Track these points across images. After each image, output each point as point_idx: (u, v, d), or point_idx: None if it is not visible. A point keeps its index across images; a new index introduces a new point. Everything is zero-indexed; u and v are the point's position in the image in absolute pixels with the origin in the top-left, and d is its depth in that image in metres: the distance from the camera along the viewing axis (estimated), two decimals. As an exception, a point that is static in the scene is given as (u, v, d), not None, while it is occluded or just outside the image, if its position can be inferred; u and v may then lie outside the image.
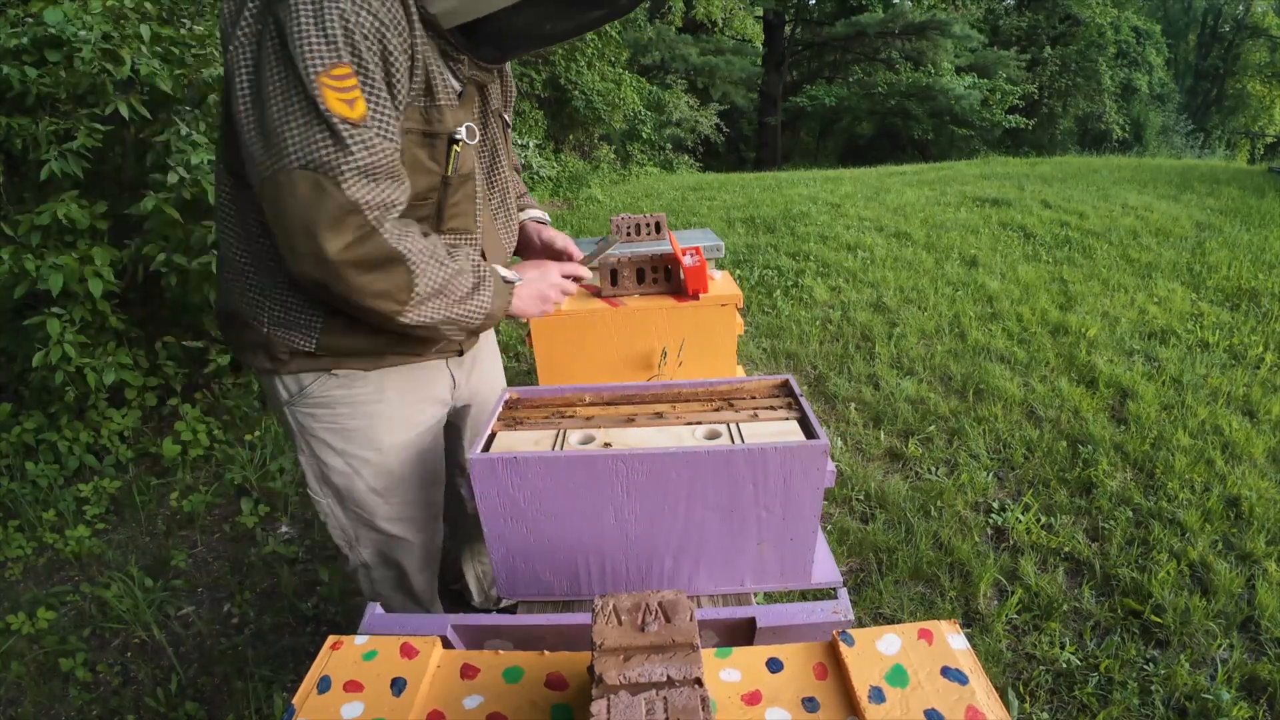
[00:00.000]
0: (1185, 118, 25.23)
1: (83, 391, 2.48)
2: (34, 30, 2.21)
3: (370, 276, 0.89)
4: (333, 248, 0.86)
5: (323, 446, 1.16)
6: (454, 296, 0.98)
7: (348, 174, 0.84)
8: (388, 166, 0.88)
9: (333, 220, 0.85)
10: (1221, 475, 2.34)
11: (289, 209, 0.85)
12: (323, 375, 1.11)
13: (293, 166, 0.83)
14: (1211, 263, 4.36)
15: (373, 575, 1.32)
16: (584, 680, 0.66)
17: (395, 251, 0.89)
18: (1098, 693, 1.62)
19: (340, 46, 0.82)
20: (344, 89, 0.83)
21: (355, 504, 1.20)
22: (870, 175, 8.79)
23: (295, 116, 0.82)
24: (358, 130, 0.84)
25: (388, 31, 0.85)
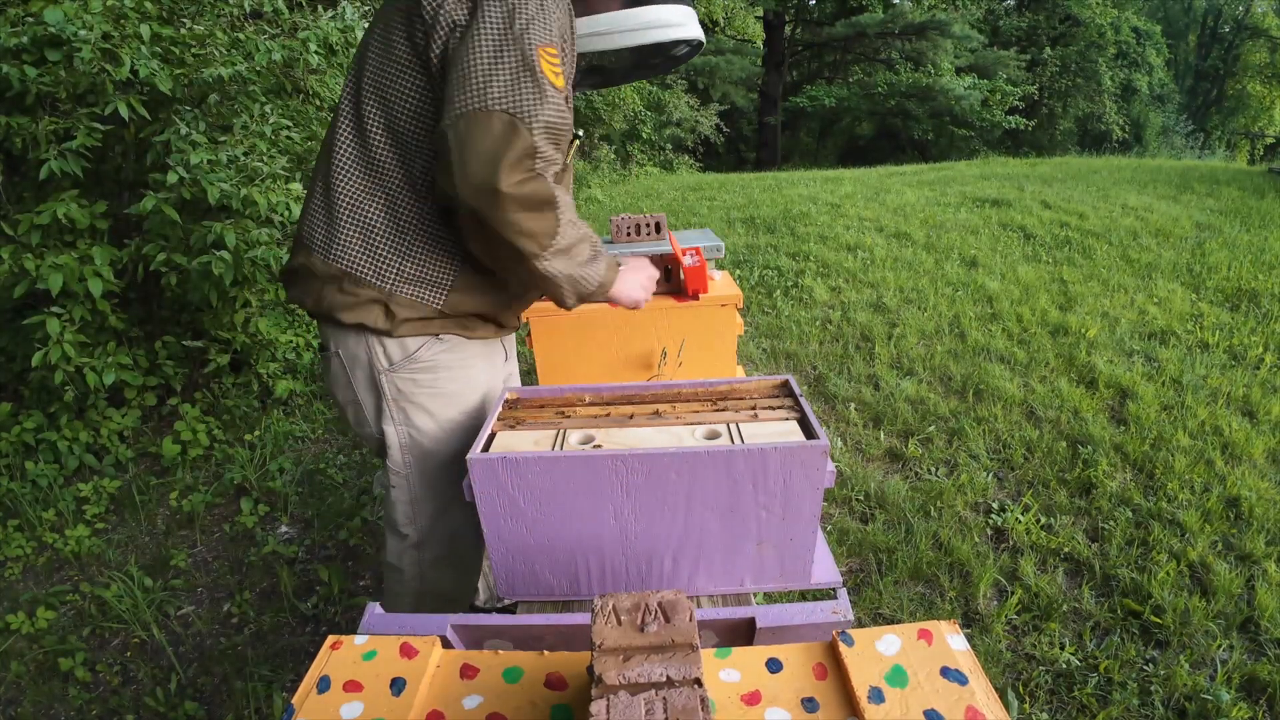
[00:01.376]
0: (1185, 118, 25.24)
1: (82, 391, 2.48)
2: (34, 29, 2.21)
3: (526, 214, 1.00)
4: (507, 181, 0.97)
5: (419, 412, 1.21)
6: (579, 259, 1.10)
7: (537, 125, 0.99)
8: (565, 132, 1.04)
9: (515, 158, 0.97)
10: (1221, 476, 2.34)
11: (478, 141, 0.97)
12: (430, 339, 1.18)
13: (494, 107, 0.97)
14: (1211, 263, 4.36)
15: (424, 554, 1.33)
16: (583, 680, 0.66)
17: (554, 196, 1.02)
18: (1097, 693, 1.62)
19: (554, 32, 1.02)
20: (552, 63, 1.01)
21: (434, 469, 1.26)
22: (870, 176, 8.79)
23: (506, 69, 0.98)
24: (556, 94, 1.01)
25: (567, 38, 1.06)
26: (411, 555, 1.35)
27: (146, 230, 2.46)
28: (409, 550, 1.33)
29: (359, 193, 1.12)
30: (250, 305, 2.85)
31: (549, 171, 1.02)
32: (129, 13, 2.36)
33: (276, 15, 2.85)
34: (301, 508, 2.45)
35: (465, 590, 1.44)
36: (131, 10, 2.37)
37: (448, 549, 1.35)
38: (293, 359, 3.22)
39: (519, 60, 0.98)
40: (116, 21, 2.34)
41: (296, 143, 2.84)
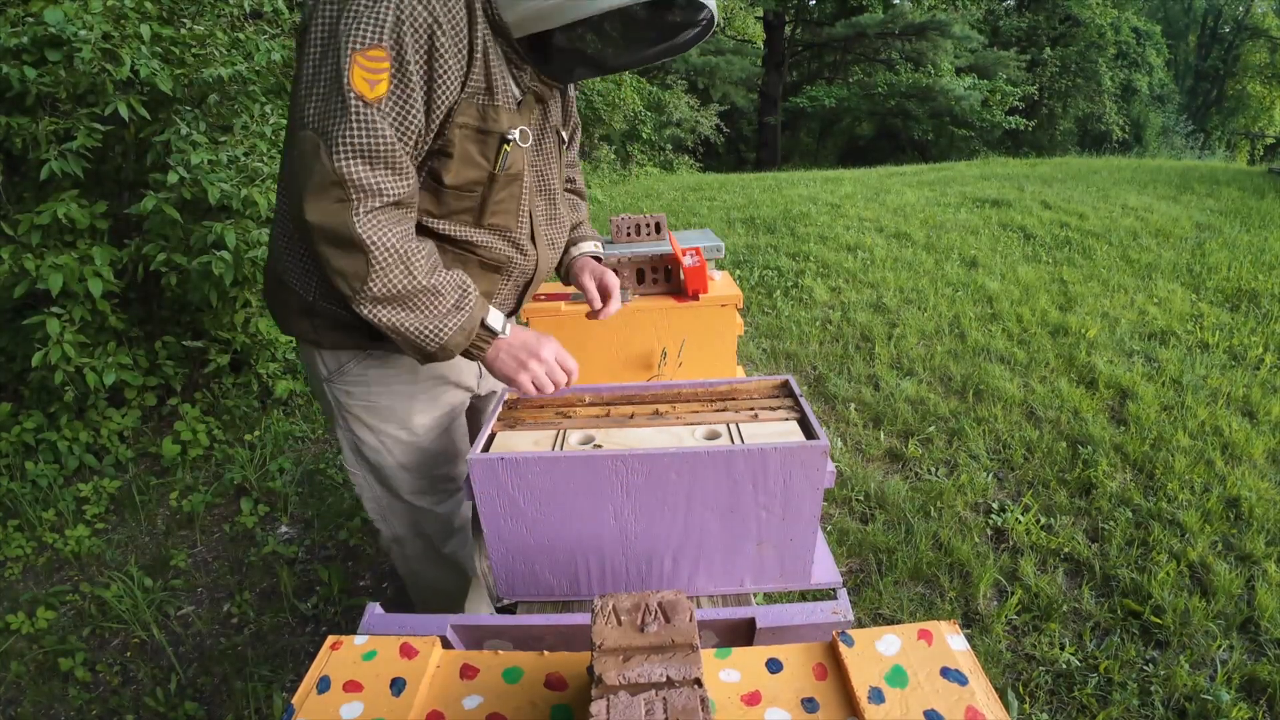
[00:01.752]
0: (1185, 118, 25.24)
1: (82, 391, 2.48)
2: (34, 30, 2.21)
3: (333, 251, 0.92)
4: (311, 210, 0.89)
5: (358, 423, 1.20)
6: (415, 311, 0.96)
7: (341, 146, 0.87)
8: (387, 154, 0.90)
9: (316, 186, 0.88)
10: (1221, 476, 2.34)
11: (293, 165, 0.91)
12: (359, 354, 1.15)
13: (307, 127, 0.89)
14: (1211, 264, 4.36)
15: (405, 550, 1.36)
16: (583, 680, 0.66)
17: (359, 238, 0.90)
18: (1097, 693, 1.62)
19: (385, 32, 0.86)
20: (373, 69, 0.87)
21: (386, 478, 1.25)
22: (870, 176, 8.79)
23: (323, 83, 0.88)
24: (366, 109, 0.87)
25: (440, 30, 0.89)
26: (396, 550, 1.38)
27: (146, 230, 2.46)
28: (391, 545, 1.37)
29: (283, 202, 1.08)
30: (250, 305, 2.85)
31: (369, 204, 0.90)
32: (129, 13, 2.37)
33: (276, 15, 2.85)
34: (301, 508, 2.45)
35: (457, 587, 1.45)
36: (131, 10, 2.38)
37: (425, 547, 1.37)
38: (293, 359, 3.22)
39: (333, 72, 0.87)
40: (117, 21, 2.34)
41: (297, 143, 2.83)
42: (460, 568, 1.41)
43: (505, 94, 1.01)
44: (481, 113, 0.99)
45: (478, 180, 1.04)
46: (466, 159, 1.01)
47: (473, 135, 1.00)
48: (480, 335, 1.04)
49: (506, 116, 1.01)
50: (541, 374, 1.08)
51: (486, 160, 1.03)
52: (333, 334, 1.12)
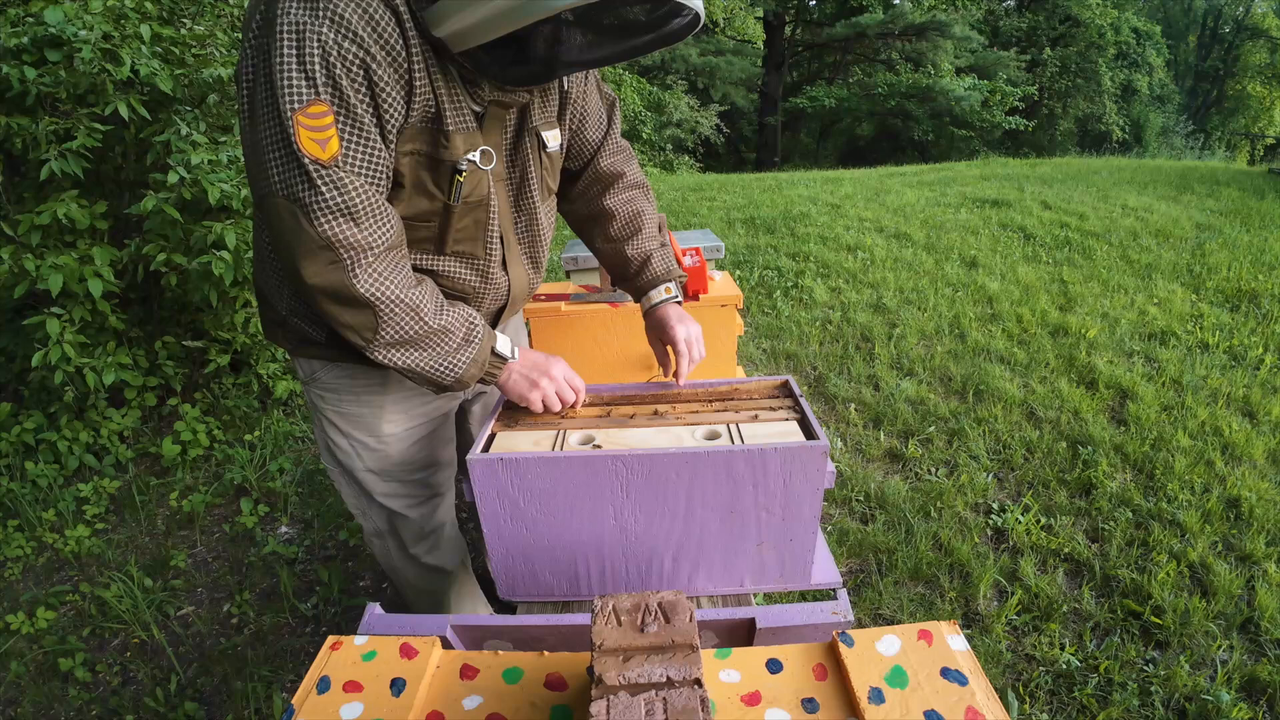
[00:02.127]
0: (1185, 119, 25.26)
1: (82, 391, 2.48)
2: (34, 30, 2.21)
3: (339, 308, 0.92)
4: (308, 274, 0.89)
5: (330, 426, 1.22)
6: (428, 350, 0.97)
7: (319, 212, 0.85)
8: (366, 206, 0.88)
9: (306, 251, 0.87)
10: (1221, 476, 2.34)
11: (276, 231, 0.89)
12: (327, 364, 1.15)
13: (278, 195, 0.86)
14: (1211, 264, 4.36)
15: (385, 545, 1.38)
16: (583, 681, 0.66)
17: (362, 296, 0.90)
18: (1097, 694, 1.62)
19: (319, 83, 0.81)
20: (318, 127, 0.83)
21: (356, 480, 1.26)
22: (870, 176, 8.79)
23: (277, 148, 0.84)
24: (327, 171, 0.84)
25: (374, 61, 0.84)
26: (377, 544, 1.39)
27: (147, 230, 2.46)
28: (373, 539, 1.38)
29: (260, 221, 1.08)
30: (250, 305, 2.85)
31: (365, 258, 0.89)
32: (129, 13, 2.37)
33: (277, 15, 2.85)
34: (301, 508, 2.45)
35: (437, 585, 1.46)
36: (132, 10, 2.38)
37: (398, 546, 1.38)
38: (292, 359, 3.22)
39: (283, 137, 0.83)
40: (117, 22, 2.34)
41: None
42: (437, 569, 1.42)
43: (458, 114, 0.95)
44: (432, 139, 0.94)
45: (431, 211, 1.00)
46: (418, 188, 0.97)
47: (424, 163, 0.96)
48: (492, 363, 1.04)
49: (461, 140, 0.96)
50: (552, 392, 1.08)
51: (440, 190, 0.98)
52: (304, 346, 1.13)
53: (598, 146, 1.25)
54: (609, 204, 1.26)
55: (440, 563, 1.41)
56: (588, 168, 1.27)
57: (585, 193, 1.28)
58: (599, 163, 1.25)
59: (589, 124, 1.21)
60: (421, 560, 1.39)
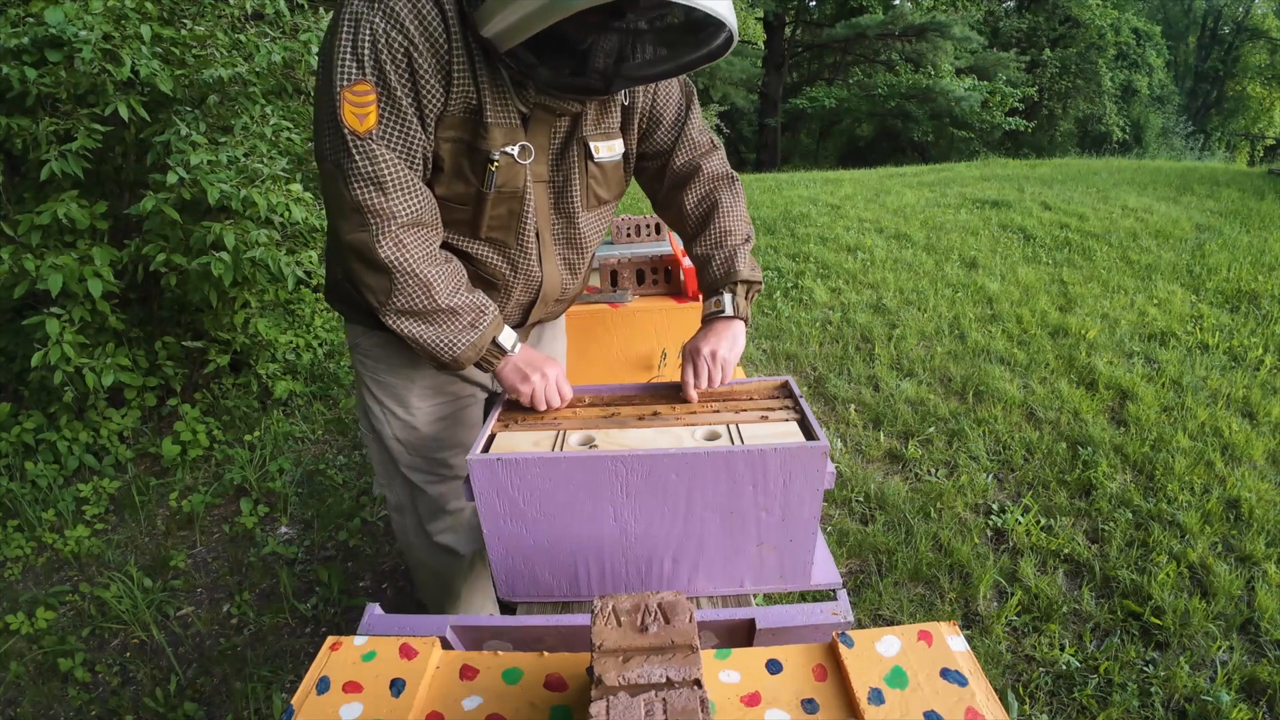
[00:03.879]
0: (1185, 119, 25.27)
1: (82, 391, 2.48)
2: (34, 30, 2.21)
3: (363, 268, 1.01)
4: (343, 232, 1.00)
5: (368, 392, 1.30)
6: (433, 326, 1.04)
7: (353, 178, 0.96)
8: (394, 178, 0.97)
9: (342, 211, 0.99)
10: (1221, 477, 2.34)
11: (325, 192, 1.02)
12: (370, 331, 1.23)
13: (326, 160, 0.98)
14: (1211, 265, 4.36)
15: (404, 520, 1.42)
16: (583, 681, 0.66)
17: (382, 261, 0.99)
18: (1097, 694, 1.62)
19: (366, 64, 0.92)
20: (361, 103, 0.93)
21: (385, 447, 1.32)
22: (870, 177, 8.79)
23: (328, 120, 0.96)
24: (362, 142, 0.94)
25: (417, 51, 0.93)
26: (396, 519, 1.43)
27: (146, 230, 2.46)
28: (394, 514, 1.42)
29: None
30: (250, 306, 2.85)
31: (390, 226, 0.98)
32: (129, 13, 2.37)
33: (277, 16, 2.85)
34: (301, 508, 2.45)
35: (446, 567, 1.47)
36: (132, 11, 2.38)
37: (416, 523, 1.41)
38: (292, 360, 3.22)
39: (330, 110, 0.94)
40: (117, 22, 2.34)
41: (297, 144, 2.83)
42: (450, 550, 1.44)
43: (502, 110, 1.01)
44: (471, 129, 1.01)
45: (466, 195, 1.07)
46: (457, 172, 1.04)
47: (463, 150, 1.03)
48: (491, 351, 1.09)
49: (500, 134, 1.01)
50: (541, 389, 1.11)
51: (474, 176, 1.05)
52: (356, 311, 1.22)
53: (671, 148, 1.24)
54: (686, 206, 1.26)
55: (453, 544, 1.43)
56: (665, 169, 1.26)
57: (669, 196, 1.29)
58: (673, 163, 1.25)
59: (661, 129, 1.21)
60: (435, 539, 1.40)
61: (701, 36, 0.94)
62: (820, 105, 17.28)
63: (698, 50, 0.95)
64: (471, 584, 1.52)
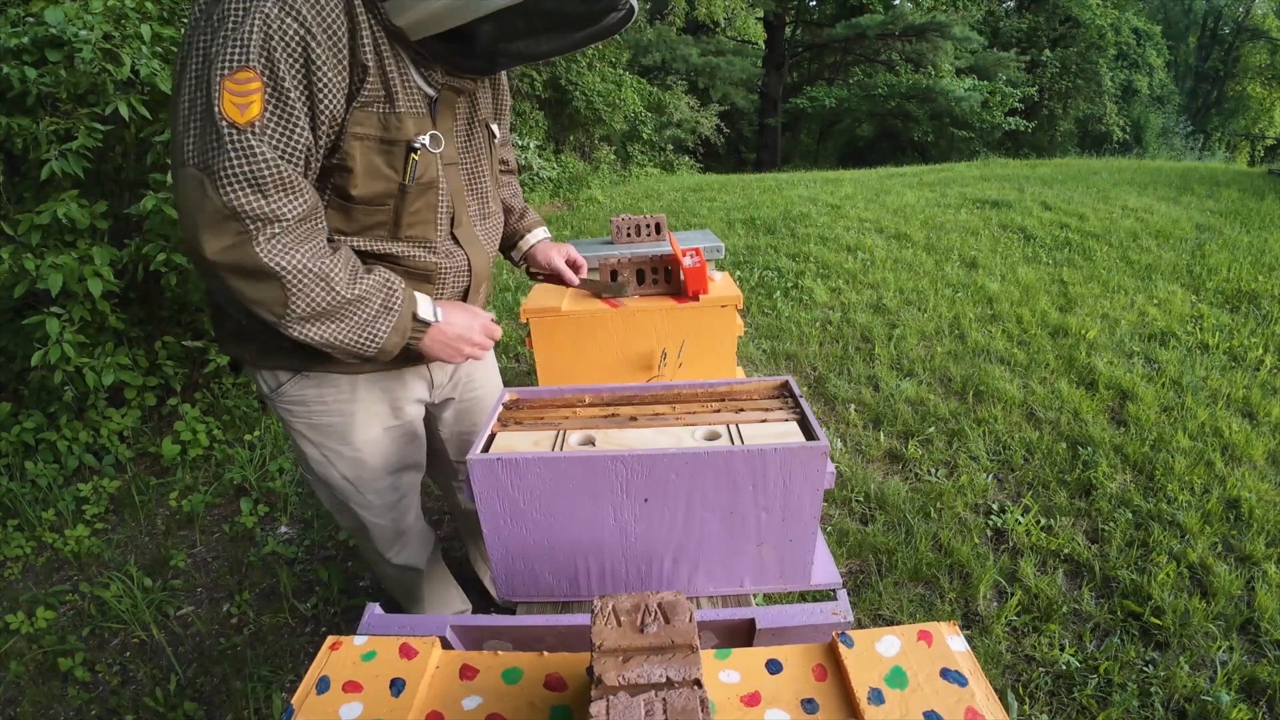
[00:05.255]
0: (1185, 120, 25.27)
1: (82, 391, 2.48)
2: (34, 30, 2.21)
3: (245, 283, 0.89)
4: (209, 249, 0.86)
5: (302, 438, 1.22)
6: (344, 321, 0.96)
7: (225, 179, 0.84)
8: (276, 178, 0.87)
9: (209, 222, 0.85)
10: (1221, 477, 2.34)
11: (181, 206, 0.87)
12: (296, 376, 1.15)
13: (188, 165, 0.85)
14: (1211, 265, 4.36)
15: (362, 544, 1.44)
16: (583, 681, 0.66)
17: (265, 267, 0.88)
18: (1097, 694, 1.62)
19: (252, 52, 0.82)
20: (242, 93, 0.83)
21: (333, 488, 1.29)
22: (870, 177, 8.79)
23: (197, 117, 0.84)
24: (240, 136, 0.84)
25: (314, 41, 0.85)
26: (360, 542, 1.45)
27: (146, 230, 2.46)
28: (356, 537, 1.43)
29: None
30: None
31: (268, 230, 0.87)
32: (129, 13, 2.37)
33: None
34: (301, 508, 2.45)
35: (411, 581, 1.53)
36: (132, 10, 2.38)
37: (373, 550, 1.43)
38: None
39: (205, 103, 0.83)
40: (117, 22, 2.34)
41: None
42: (409, 568, 1.48)
43: (410, 98, 0.98)
44: (383, 121, 0.96)
45: (387, 193, 1.01)
46: (372, 171, 0.98)
47: (375, 146, 0.97)
48: (415, 329, 1.04)
49: (413, 122, 0.99)
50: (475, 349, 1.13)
51: (394, 171, 1.00)
52: (268, 356, 1.12)
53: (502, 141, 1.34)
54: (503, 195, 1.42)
55: (411, 562, 1.47)
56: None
57: None
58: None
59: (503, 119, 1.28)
60: (394, 562, 1.45)
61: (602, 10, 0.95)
62: (820, 105, 17.28)
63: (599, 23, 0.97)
64: (432, 585, 1.58)
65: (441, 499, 2.32)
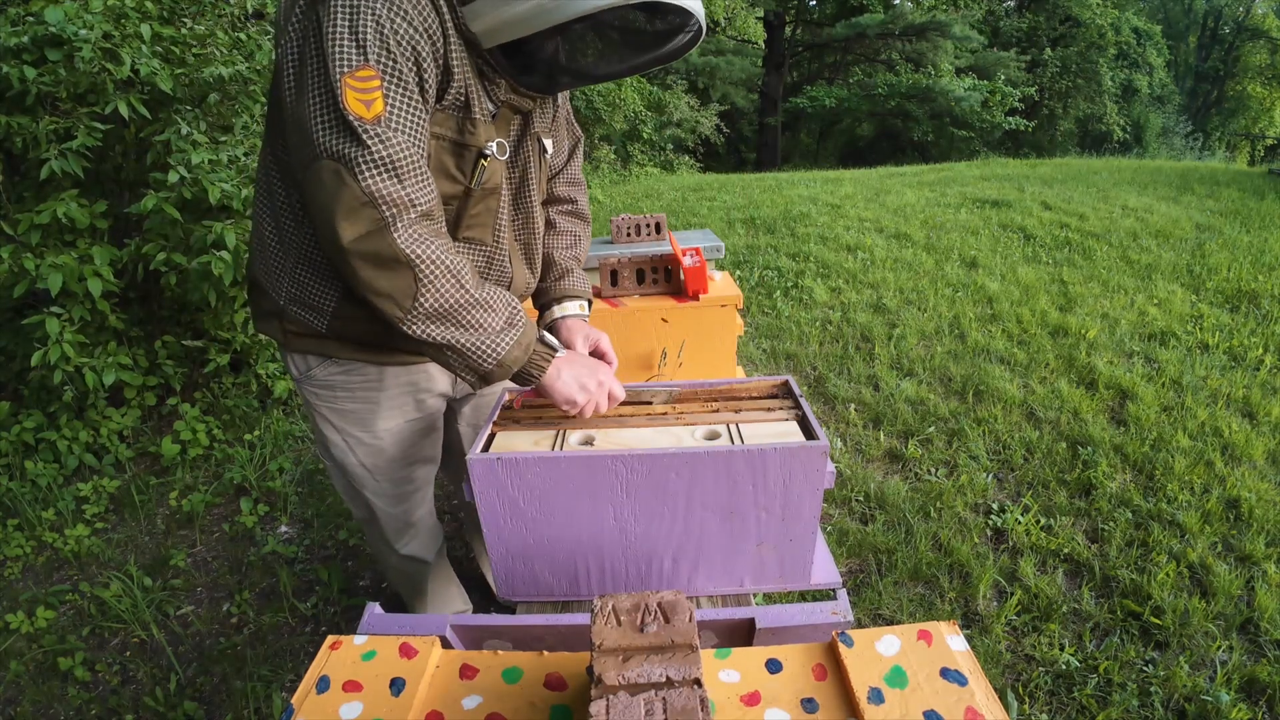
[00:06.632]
0: (1185, 119, 25.27)
1: (82, 391, 2.48)
2: (34, 29, 2.21)
3: (377, 273, 0.90)
4: (346, 236, 0.88)
5: (325, 423, 1.24)
6: (467, 325, 0.95)
7: (364, 166, 0.86)
8: (410, 164, 0.89)
9: (348, 210, 0.87)
10: (1221, 477, 2.34)
11: (316, 197, 0.89)
12: (324, 360, 1.16)
13: (322, 157, 0.87)
14: (1211, 265, 4.36)
15: (371, 533, 1.45)
16: (583, 681, 0.66)
17: (403, 254, 0.88)
18: (1097, 694, 1.62)
19: (368, 49, 0.85)
20: (365, 89, 0.86)
21: (349, 474, 1.30)
22: (870, 176, 8.79)
23: (324, 111, 0.87)
24: (372, 127, 0.86)
25: (420, 39, 0.89)
26: (366, 530, 1.46)
27: (146, 230, 2.46)
28: (365, 525, 1.44)
29: (260, 208, 1.10)
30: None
31: (405, 217, 0.89)
32: (129, 12, 2.37)
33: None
34: (301, 508, 2.45)
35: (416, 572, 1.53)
36: (132, 10, 2.38)
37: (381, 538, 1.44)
38: (293, 359, 3.21)
39: (330, 99, 0.86)
40: (117, 21, 2.34)
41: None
42: (416, 559, 1.49)
43: (480, 107, 1.00)
44: (459, 125, 0.98)
45: (452, 194, 1.03)
46: (443, 172, 1.00)
47: (449, 148, 0.99)
48: (540, 353, 1.01)
49: (483, 129, 1.01)
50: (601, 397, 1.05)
51: (462, 174, 1.02)
52: (300, 339, 1.14)
53: (558, 172, 1.33)
54: (555, 218, 1.34)
55: (418, 553, 1.48)
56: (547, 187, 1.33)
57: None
58: (556, 186, 1.33)
59: (556, 148, 1.27)
60: (401, 552, 1.45)
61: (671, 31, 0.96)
62: (820, 105, 17.27)
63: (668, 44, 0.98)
64: (436, 580, 1.59)
65: (447, 496, 2.32)
